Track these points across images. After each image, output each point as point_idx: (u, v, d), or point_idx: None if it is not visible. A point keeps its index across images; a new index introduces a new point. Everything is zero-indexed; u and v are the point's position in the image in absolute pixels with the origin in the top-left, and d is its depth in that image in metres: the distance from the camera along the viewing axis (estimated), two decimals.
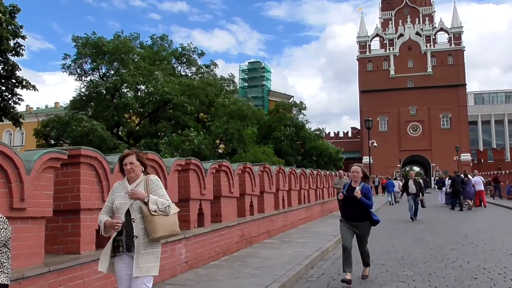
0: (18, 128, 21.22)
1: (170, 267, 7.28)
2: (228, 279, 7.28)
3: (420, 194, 17.94)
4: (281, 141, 34.71)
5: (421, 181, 19.44)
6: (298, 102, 41.53)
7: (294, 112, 40.65)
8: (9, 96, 20.18)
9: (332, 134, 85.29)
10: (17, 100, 20.56)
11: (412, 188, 17.95)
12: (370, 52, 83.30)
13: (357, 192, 7.28)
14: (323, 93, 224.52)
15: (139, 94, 30.43)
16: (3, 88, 19.91)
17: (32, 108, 77.70)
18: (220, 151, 32.37)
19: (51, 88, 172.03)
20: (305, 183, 17.53)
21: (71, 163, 5.69)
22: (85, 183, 5.73)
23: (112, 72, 29.44)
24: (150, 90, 28.47)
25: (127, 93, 30.34)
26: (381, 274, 8.15)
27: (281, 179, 14.40)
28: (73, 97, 30.68)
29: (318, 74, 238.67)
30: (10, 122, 20.99)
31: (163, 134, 28.39)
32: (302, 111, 40.82)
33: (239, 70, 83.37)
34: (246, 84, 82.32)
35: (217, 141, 31.77)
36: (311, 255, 9.65)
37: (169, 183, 7.59)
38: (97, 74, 30.47)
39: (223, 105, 29.99)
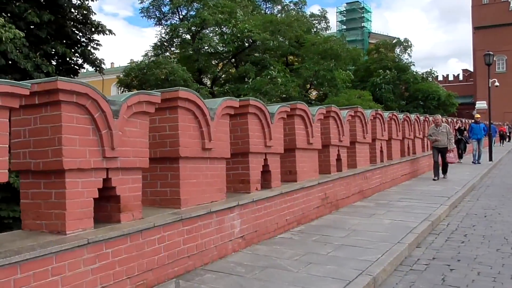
0: (101, 73, 20.40)
1: (216, 246, 5.36)
2: (295, 265, 5.20)
3: None
4: (380, 88, 30.83)
5: None
6: (402, 40, 36.58)
7: (398, 51, 36.05)
8: (87, 42, 19.32)
9: (440, 78, 77.78)
10: (95, 46, 19.63)
11: None
12: None
13: None
14: (427, 35, 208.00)
15: (222, 37, 28.46)
16: (80, 34, 19.03)
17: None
18: (311, 97, 29.74)
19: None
20: (409, 131, 14.66)
21: (49, 103, 3.84)
22: (70, 132, 3.86)
23: (193, 13, 27.72)
24: (233, 31, 26.41)
25: (210, 35, 28.50)
26: None
27: (379, 126, 11.81)
28: (154, 43, 29.65)
29: (421, 15, 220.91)
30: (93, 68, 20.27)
31: (250, 79, 26.43)
32: (407, 50, 36.00)
33: (336, 12, 78.17)
34: (344, 27, 77.04)
35: (307, 86, 29.08)
36: (417, 227, 7.25)
37: (215, 131, 5.56)
38: (176, 17, 28.97)
39: (313, 44, 27.10)
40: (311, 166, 8.21)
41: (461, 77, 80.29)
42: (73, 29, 18.30)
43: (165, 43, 29.39)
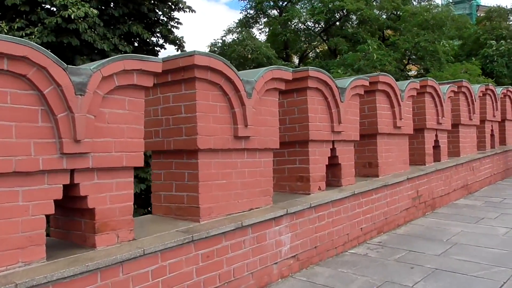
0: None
1: (253, 273, 3.86)
2: None
3: None
4: (492, 60, 26.76)
5: None
6: None
7: None
8: (166, 20, 18.54)
9: None
10: (175, 24, 18.82)
11: None
12: None
13: None
14: None
15: (312, 9, 26.35)
16: (160, 12, 18.28)
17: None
18: (410, 74, 26.67)
19: None
20: None
21: None
22: (11, 117, 2.55)
23: None
24: (323, 1, 24.22)
25: (298, 7, 26.54)
26: None
27: (489, 104, 9.49)
28: (239, 19, 28.36)
29: None
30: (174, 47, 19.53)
31: (342, 54, 24.19)
32: None
33: None
34: (450, 0, 70.32)
35: (405, 62, 26.08)
36: None
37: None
38: None
39: (413, 14, 24.09)
40: (399, 156, 6.38)
41: None
42: (151, 8, 17.63)
43: (250, 20, 28.07)
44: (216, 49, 23.96)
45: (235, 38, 23.95)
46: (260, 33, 28.96)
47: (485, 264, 4.49)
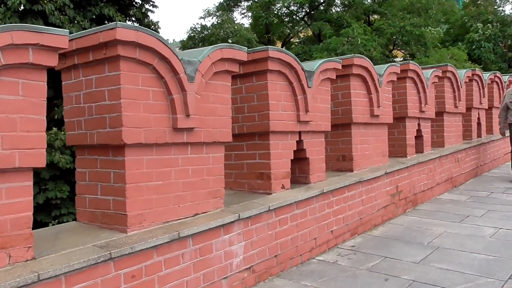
0: None
1: None
2: None
3: None
4: (479, 46, 26.02)
5: None
6: None
7: (498, 2, 30.57)
8: (141, 3, 17.70)
9: None
10: (150, 7, 18.01)
11: None
12: None
13: None
14: None
15: None
16: None
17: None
18: (396, 60, 26.07)
19: None
20: None
21: None
22: None
23: None
24: None
25: None
26: None
27: (476, 90, 8.92)
28: (219, 2, 27.36)
29: None
30: None
31: (326, 40, 23.46)
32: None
33: None
34: None
35: (390, 47, 25.47)
36: None
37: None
38: None
39: None
40: (377, 147, 5.77)
41: None
42: None
43: (231, 3, 27.15)
44: (195, 34, 23.12)
45: (215, 22, 23.13)
46: (242, 17, 28.23)
47: (469, 274, 3.92)
